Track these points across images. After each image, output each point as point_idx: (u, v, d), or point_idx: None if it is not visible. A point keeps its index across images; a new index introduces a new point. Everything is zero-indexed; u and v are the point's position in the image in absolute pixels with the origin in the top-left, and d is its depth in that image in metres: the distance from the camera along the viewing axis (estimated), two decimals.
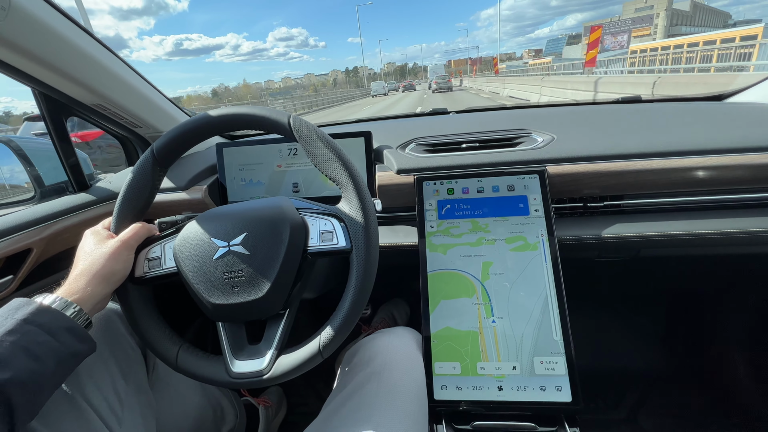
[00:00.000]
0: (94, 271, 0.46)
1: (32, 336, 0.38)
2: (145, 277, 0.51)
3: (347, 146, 0.82)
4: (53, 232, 0.73)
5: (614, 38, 41.74)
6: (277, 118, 0.49)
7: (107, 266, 0.47)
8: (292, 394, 1.14)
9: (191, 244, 0.49)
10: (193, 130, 0.52)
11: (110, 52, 0.75)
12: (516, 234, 0.70)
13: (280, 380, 0.47)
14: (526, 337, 0.64)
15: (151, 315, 0.52)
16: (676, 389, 1.06)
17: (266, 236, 0.47)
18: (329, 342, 0.46)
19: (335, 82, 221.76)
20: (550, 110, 1.14)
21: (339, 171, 0.49)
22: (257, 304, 0.46)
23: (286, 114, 0.50)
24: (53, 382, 0.40)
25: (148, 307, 0.53)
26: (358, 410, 0.53)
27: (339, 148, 0.49)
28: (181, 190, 0.85)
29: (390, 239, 0.76)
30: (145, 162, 0.53)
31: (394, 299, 1.32)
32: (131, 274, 0.51)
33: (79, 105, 0.77)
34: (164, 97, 0.92)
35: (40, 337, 0.38)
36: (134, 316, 0.51)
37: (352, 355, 0.65)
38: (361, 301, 0.47)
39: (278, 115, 0.50)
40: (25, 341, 0.37)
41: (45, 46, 0.62)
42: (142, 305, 0.52)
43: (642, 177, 0.70)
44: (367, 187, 0.50)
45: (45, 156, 0.88)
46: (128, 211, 0.53)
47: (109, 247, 0.48)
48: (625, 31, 50.85)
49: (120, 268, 0.49)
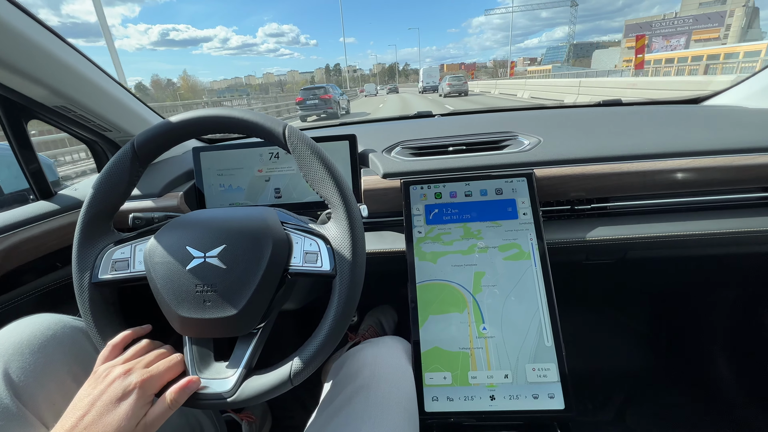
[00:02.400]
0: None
1: None
2: (109, 279, 0.47)
3: (331, 150, 0.79)
4: (12, 244, 0.68)
5: (667, 41, 35.39)
6: (272, 127, 0.46)
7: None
8: (277, 407, 1.10)
9: (164, 249, 0.45)
10: (179, 128, 0.48)
11: (74, 50, 0.70)
12: (510, 241, 0.69)
13: (243, 404, 0.44)
14: (518, 345, 0.63)
15: (112, 322, 0.48)
16: (664, 389, 1.08)
17: (246, 251, 0.44)
18: (300, 371, 0.43)
19: (313, 81, 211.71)
20: (535, 113, 1.15)
21: (331, 191, 0.46)
22: (228, 322, 0.43)
23: (281, 123, 0.47)
24: None
25: (108, 312, 0.48)
26: (346, 426, 0.50)
27: (334, 166, 0.47)
28: (154, 196, 0.80)
29: (377, 245, 0.74)
30: (124, 155, 0.48)
31: (382, 306, 1.30)
32: (94, 275, 0.47)
33: (39, 107, 0.71)
34: (136, 99, 0.87)
35: None
36: (92, 320, 0.47)
37: (339, 366, 0.63)
38: (340, 330, 0.44)
39: (273, 123, 0.46)
40: None
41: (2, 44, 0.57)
42: (102, 308, 0.47)
43: (626, 179, 0.71)
44: (353, 194, 0.48)
45: (5, 162, 0.81)
46: (97, 208, 0.48)
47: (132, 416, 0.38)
48: (683, 32, 43.66)
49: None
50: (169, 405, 0.41)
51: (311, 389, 0.59)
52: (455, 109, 1.36)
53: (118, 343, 0.45)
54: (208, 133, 0.50)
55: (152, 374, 0.41)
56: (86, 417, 0.37)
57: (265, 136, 0.47)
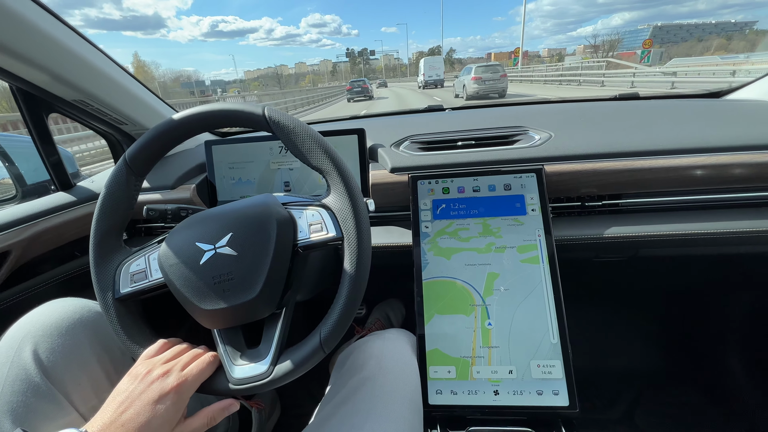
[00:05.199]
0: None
1: None
2: (131, 292, 0.48)
3: (340, 144, 0.80)
4: (34, 233, 0.70)
5: None
6: (251, 110, 0.47)
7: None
8: (286, 395, 1.12)
9: (176, 251, 0.46)
10: (164, 134, 0.49)
11: (91, 45, 0.72)
12: (530, 242, 0.67)
13: (284, 380, 0.45)
14: (522, 340, 0.63)
15: (142, 331, 0.49)
16: (673, 389, 1.06)
17: (253, 234, 0.45)
18: (330, 335, 0.44)
19: (335, 70, 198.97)
20: (547, 107, 1.12)
21: (321, 159, 0.46)
22: (251, 306, 0.44)
23: (260, 106, 0.47)
24: None
25: (136, 322, 0.49)
26: (352, 416, 0.51)
27: (319, 136, 0.47)
28: (168, 188, 0.83)
29: (384, 239, 0.75)
30: (119, 173, 0.49)
31: (389, 300, 1.30)
32: (116, 291, 0.48)
33: (59, 101, 0.74)
34: (150, 92, 0.89)
35: None
36: (123, 334, 0.48)
37: (345, 358, 0.64)
38: (358, 291, 0.45)
39: (252, 107, 0.47)
40: None
41: (21, 40, 0.59)
42: (130, 321, 0.49)
43: (639, 176, 0.69)
44: (358, 182, 0.48)
45: (26, 155, 0.85)
46: (105, 227, 0.49)
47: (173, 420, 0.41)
48: None
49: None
50: (207, 422, 0.44)
51: (319, 380, 0.60)
52: (466, 103, 1.35)
53: (159, 348, 0.46)
54: (197, 133, 0.50)
55: (187, 378, 0.42)
56: (125, 414, 0.38)
57: (247, 123, 0.48)
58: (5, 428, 0.40)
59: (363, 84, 22.22)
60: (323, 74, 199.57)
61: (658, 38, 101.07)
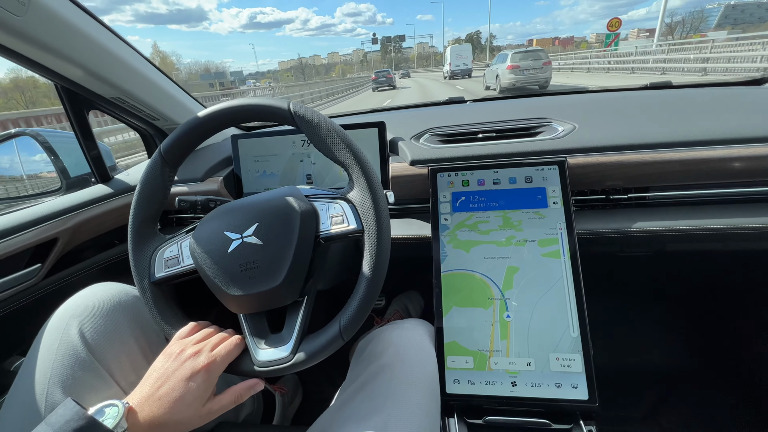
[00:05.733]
0: (177, 420, 0.42)
1: None
2: (165, 276, 0.52)
3: (360, 137, 0.81)
4: (78, 222, 0.76)
5: None
6: (278, 105, 0.49)
7: (190, 419, 0.43)
8: (308, 381, 1.16)
9: (206, 239, 0.49)
10: (196, 127, 0.52)
11: (127, 45, 0.76)
12: (552, 236, 0.66)
13: (305, 365, 0.47)
14: (541, 334, 0.63)
15: (175, 313, 0.53)
16: (700, 388, 1.02)
17: (277, 225, 0.47)
18: (349, 324, 0.46)
19: (365, 60, 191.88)
20: (572, 98, 1.09)
21: (343, 153, 0.48)
22: (275, 293, 0.47)
23: (286, 101, 0.49)
24: None
25: (169, 305, 0.53)
26: (370, 401, 0.53)
27: (342, 131, 0.48)
28: (198, 181, 0.87)
29: (403, 231, 0.76)
30: (154, 165, 0.53)
31: (408, 291, 1.32)
32: (151, 275, 0.52)
33: (99, 98, 0.78)
34: (180, 89, 0.93)
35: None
36: (157, 315, 0.52)
37: (365, 346, 0.66)
38: (377, 282, 0.46)
39: (278, 102, 0.49)
40: None
41: (64, 41, 0.63)
42: (164, 303, 0.52)
43: (669, 168, 0.67)
44: (379, 177, 0.49)
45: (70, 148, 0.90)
46: (142, 215, 0.53)
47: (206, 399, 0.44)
48: None
49: (195, 423, 0.44)
50: (234, 399, 0.47)
51: (339, 367, 0.62)
52: (487, 94, 1.33)
53: (190, 330, 0.50)
54: (226, 126, 0.53)
55: (216, 358, 0.45)
56: (161, 389, 0.42)
57: (273, 117, 0.50)
58: (57, 398, 0.44)
59: (387, 74, 24.36)
60: (354, 64, 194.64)
61: (730, 18, 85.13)
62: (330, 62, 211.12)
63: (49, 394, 0.45)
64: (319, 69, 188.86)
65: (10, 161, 0.95)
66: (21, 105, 38.09)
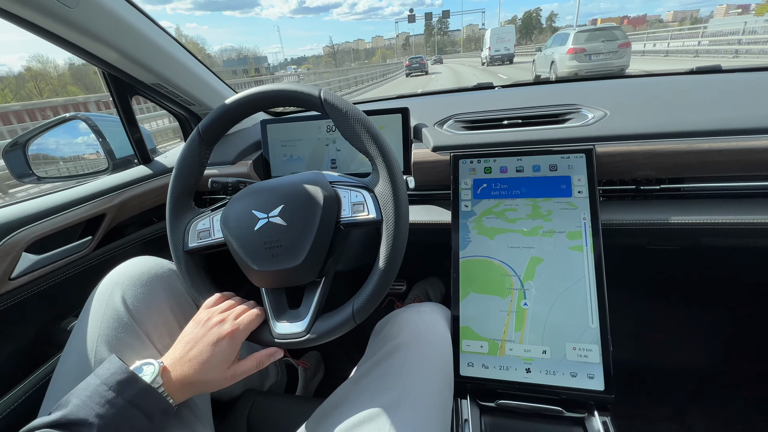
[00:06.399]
0: (205, 380, 0.47)
1: (134, 421, 0.41)
2: (197, 247, 0.56)
3: (384, 123, 0.82)
4: (123, 200, 0.82)
5: None
6: (309, 92, 0.51)
7: (216, 379, 0.48)
8: (330, 359, 1.22)
9: (235, 216, 0.53)
10: (231, 109, 0.55)
11: (167, 34, 0.80)
12: (580, 228, 0.65)
13: (317, 342, 0.50)
14: (558, 322, 0.63)
15: (204, 282, 0.57)
16: (731, 392, 0.98)
17: (301, 208, 0.50)
18: (362, 307, 0.49)
19: (407, 43, 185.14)
20: (609, 83, 1.04)
21: (369, 144, 0.49)
22: (295, 272, 0.50)
23: (317, 88, 0.51)
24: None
25: (200, 274, 0.58)
26: (383, 377, 0.55)
27: (369, 122, 0.50)
28: (229, 164, 0.91)
29: (424, 217, 0.77)
30: (192, 142, 0.57)
31: (430, 278, 1.33)
32: (185, 245, 0.56)
33: (141, 84, 0.84)
34: (214, 76, 0.97)
35: (140, 421, 0.42)
36: (189, 282, 0.57)
37: (382, 326, 0.68)
38: (391, 271, 0.48)
39: (310, 89, 0.51)
40: (128, 428, 0.41)
41: (111, 30, 0.68)
42: (195, 272, 0.57)
43: (708, 158, 0.63)
44: (399, 162, 0.51)
45: (115, 132, 0.97)
46: (180, 188, 0.57)
47: (230, 360, 0.49)
48: None
49: (220, 384, 0.49)
50: (256, 365, 0.51)
51: (360, 346, 0.65)
52: (517, 80, 1.29)
53: (216, 300, 0.55)
54: (259, 110, 0.56)
55: (239, 326, 0.50)
56: (191, 352, 0.48)
57: (304, 103, 0.52)
58: (103, 354, 0.50)
59: (420, 60, 26.12)
60: (396, 48, 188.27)
61: None
62: (374, 47, 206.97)
63: (97, 352, 0.50)
64: (360, 54, 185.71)
65: (66, 143, 1.03)
66: (82, 92, 41.26)
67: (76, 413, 0.40)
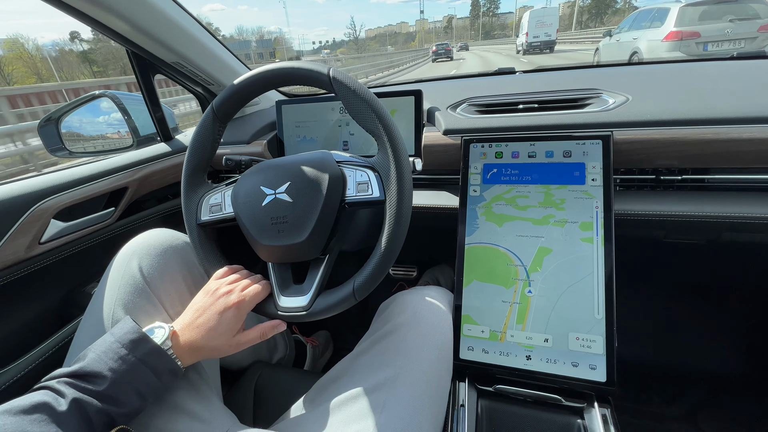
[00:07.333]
0: (211, 346, 0.50)
1: (144, 378, 0.45)
2: (209, 220, 0.58)
3: (397, 105, 0.81)
4: (144, 174, 0.86)
5: None
6: (318, 70, 0.51)
7: (222, 346, 0.51)
8: (338, 339, 1.25)
9: (245, 192, 0.54)
10: (243, 87, 0.56)
11: (186, 13, 0.82)
12: (592, 219, 0.62)
13: (319, 316, 0.52)
14: (563, 313, 0.61)
15: (215, 254, 0.60)
16: (748, 395, 0.94)
17: (307, 186, 0.51)
18: (362, 285, 0.50)
19: (449, 26, 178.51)
20: (637, 68, 0.99)
21: (374, 123, 0.49)
22: (299, 247, 0.51)
23: (326, 67, 0.51)
24: (149, 410, 0.49)
25: (212, 246, 0.60)
26: (382, 354, 0.56)
27: (376, 101, 0.50)
28: (244, 143, 0.93)
29: (432, 201, 0.76)
30: (206, 118, 0.58)
31: (441, 265, 1.33)
32: (198, 218, 0.59)
33: (162, 63, 0.86)
34: (232, 55, 0.99)
35: (149, 378, 0.45)
36: (201, 253, 0.59)
37: (386, 306, 0.69)
38: (393, 249, 0.49)
39: (318, 68, 0.51)
40: (138, 383, 0.44)
41: (135, 9, 0.70)
42: (207, 244, 0.60)
43: (736, 147, 0.59)
44: (406, 148, 0.51)
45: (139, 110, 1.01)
46: (194, 163, 0.59)
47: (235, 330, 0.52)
48: None
49: (226, 351, 0.52)
50: (259, 335, 0.54)
51: (367, 327, 0.66)
52: (541, 65, 1.24)
53: (225, 272, 0.57)
54: (270, 88, 0.56)
55: (245, 298, 0.52)
56: (199, 319, 0.51)
57: (313, 82, 0.52)
58: (119, 316, 0.53)
59: (447, 47, 28.01)
60: (438, 32, 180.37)
61: None
62: (418, 29, 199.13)
63: (114, 313, 0.54)
64: (398, 38, 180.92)
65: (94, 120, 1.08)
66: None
67: (92, 366, 0.44)
